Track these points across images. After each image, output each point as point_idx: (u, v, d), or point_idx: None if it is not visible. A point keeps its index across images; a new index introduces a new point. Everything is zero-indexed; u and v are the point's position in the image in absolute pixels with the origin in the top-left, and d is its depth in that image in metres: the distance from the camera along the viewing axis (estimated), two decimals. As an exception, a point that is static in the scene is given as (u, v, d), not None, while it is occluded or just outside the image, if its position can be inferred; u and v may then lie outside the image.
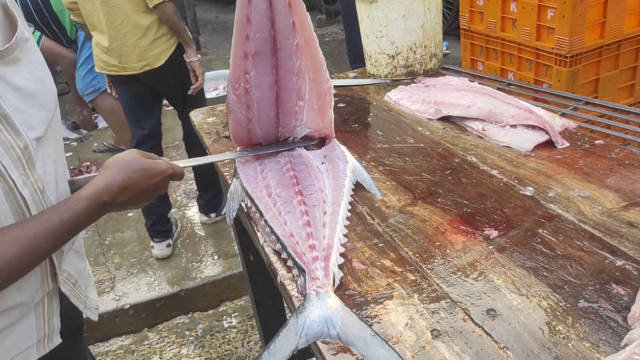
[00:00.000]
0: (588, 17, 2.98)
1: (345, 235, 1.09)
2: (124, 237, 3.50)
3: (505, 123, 1.38)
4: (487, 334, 0.83)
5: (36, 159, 1.03)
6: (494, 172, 1.25)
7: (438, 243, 1.04)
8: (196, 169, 3.37)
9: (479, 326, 0.84)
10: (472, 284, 0.93)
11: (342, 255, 1.03)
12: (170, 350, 2.70)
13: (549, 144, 1.32)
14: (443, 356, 0.80)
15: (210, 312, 2.95)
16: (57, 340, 1.17)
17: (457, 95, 1.53)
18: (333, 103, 1.34)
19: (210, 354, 2.62)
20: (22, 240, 0.95)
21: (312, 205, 1.13)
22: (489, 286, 0.92)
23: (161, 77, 2.87)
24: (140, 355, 2.70)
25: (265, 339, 2.12)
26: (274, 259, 1.08)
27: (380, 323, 0.88)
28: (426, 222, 1.11)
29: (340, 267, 1.00)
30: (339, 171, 1.26)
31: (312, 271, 0.96)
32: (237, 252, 3.23)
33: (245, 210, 1.23)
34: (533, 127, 1.34)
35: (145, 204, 1.14)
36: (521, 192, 1.16)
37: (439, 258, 1.00)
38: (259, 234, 1.16)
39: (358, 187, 1.26)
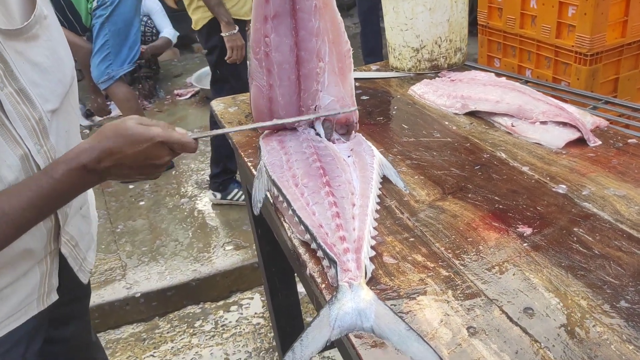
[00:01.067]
0: (610, 15, 2.94)
1: (375, 229, 1.07)
2: (136, 225, 3.50)
3: (535, 119, 1.35)
4: (526, 333, 0.81)
5: (50, 129, 1.07)
6: (525, 168, 1.23)
7: (470, 239, 1.03)
8: (211, 142, 3.48)
9: (517, 325, 0.83)
10: (508, 282, 0.91)
11: (372, 248, 1.02)
12: (181, 339, 2.69)
13: (580, 142, 1.30)
14: (481, 354, 0.78)
15: (221, 302, 2.94)
16: (55, 296, 1.21)
17: (484, 90, 1.51)
18: (353, 67, 1.36)
19: (222, 344, 2.62)
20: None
21: (340, 196, 1.11)
22: (525, 284, 0.90)
23: (201, 40, 3.32)
24: (151, 344, 2.69)
25: (279, 331, 2.11)
26: (302, 250, 1.06)
27: (414, 319, 0.86)
28: (457, 217, 1.09)
29: (371, 260, 0.99)
30: (366, 164, 1.24)
31: (344, 263, 0.94)
32: (249, 244, 3.23)
33: (272, 200, 1.22)
34: (564, 124, 1.32)
35: (146, 178, 1.09)
36: (554, 189, 1.14)
37: (472, 254, 0.99)
38: (285, 225, 1.14)
39: (385, 180, 1.24)
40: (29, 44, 1.02)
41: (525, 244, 0.99)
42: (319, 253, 1.00)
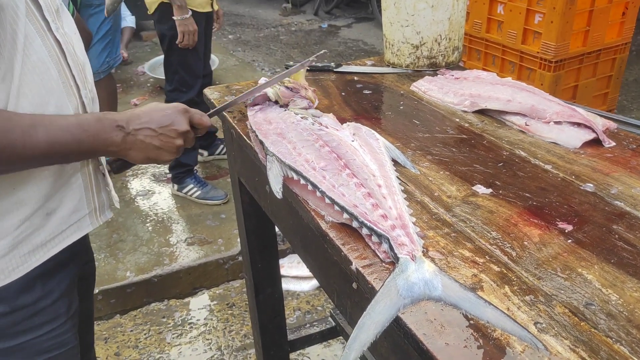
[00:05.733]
0: (574, 24, 3.06)
1: (410, 215, 1.06)
2: (91, 218, 3.34)
3: (549, 119, 1.37)
4: (595, 328, 0.81)
5: (62, 17, 1.15)
6: (548, 167, 1.24)
7: (513, 235, 1.02)
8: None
9: (584, 320, 0.83)
10: (562, 278, 0.91)
11: (414, 224, 1.02)
12: (146, 338, 2.58)
13: (594, 142, 1.33)
14: (557, 350, 0.78)
15: (187, 299, 2.85)
16: (109, 214, 1.29)
17: (493, 89, 1.52)
18: None
19: (191, 343, 2.53)
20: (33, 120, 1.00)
21: (363, 178, 1.10)
22: (580, 280, 0.91)
23: (155, 27, 3.29)
24: (114, 343, 2.57)
25: (261, 329, 2.06)
26: (339, 241, 1.03)
27: (477, 314, 0.85)
28: (494, 213, 1.09)
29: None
30: (373, 147, 1.25)
31: (396, 238, 0.94)
32: (213, 239, 3.15)
33: (292, 189, 1.17)
34: (578, 124, 1.35)
35: (164, 151, 1.14)
36: (581, 187, 1.16)
37: (518, 250, 0.98)
38: (312, 210, 1.10)
39: (404, 171, 1.23)
40: None
41: (569, 240, 1.00)
42: (364, 231, 0.99)
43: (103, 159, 1.27)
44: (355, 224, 1.01)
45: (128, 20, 5.04)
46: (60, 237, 1.16)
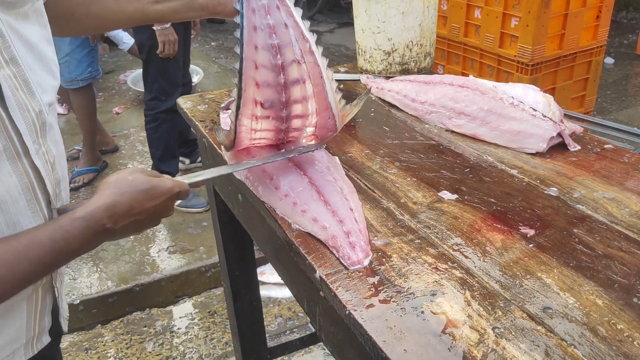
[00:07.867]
0: (549, 28, 3.10)
1: (375, 228, 1.07)
2: (71, 228, 3.32)
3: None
4: (552, 332, 0.82)
5: (48, 127, 0.96)
6: (514, 171, 1.26)
7: (476, 240, 1.04)
8: (148, 140, 3.41)
9: (541, 324, 0.84)
10: (522, 282, 0.93)
11: (381, 250, 1.01)
12: (127, 348, 2.57)
13: (560, 146, 1.34)
14: (512, 354, 0.79)
15: (169, 308, 2.84)
16: (46, 339, 1.08)
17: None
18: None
19: (172, 351, 2.52)
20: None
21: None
22: (539, 284, 0.92)
23: (133, 33, 3.41)
24: (94, 354, 2.55)
25: (241, 337, 2.06)
26: (304, 249, 1.04)
27: (437, 320, 0.86)
28: (458, 219, 1.10)
29: (382, 262, 0.98)
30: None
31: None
32: (194, 247, 3.14)
33: (261, 197, 1.18)
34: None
35: (149, 228, 1.00)
36: (545, 192, 1.18)
37: (480, 255, 1.00)
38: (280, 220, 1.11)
39: (375, 180, 1.24)
40: (19, 21, 0.92)
41: (531, 245, 1.01)
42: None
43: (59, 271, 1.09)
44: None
45: (125, 39, 4.73)
46: None
